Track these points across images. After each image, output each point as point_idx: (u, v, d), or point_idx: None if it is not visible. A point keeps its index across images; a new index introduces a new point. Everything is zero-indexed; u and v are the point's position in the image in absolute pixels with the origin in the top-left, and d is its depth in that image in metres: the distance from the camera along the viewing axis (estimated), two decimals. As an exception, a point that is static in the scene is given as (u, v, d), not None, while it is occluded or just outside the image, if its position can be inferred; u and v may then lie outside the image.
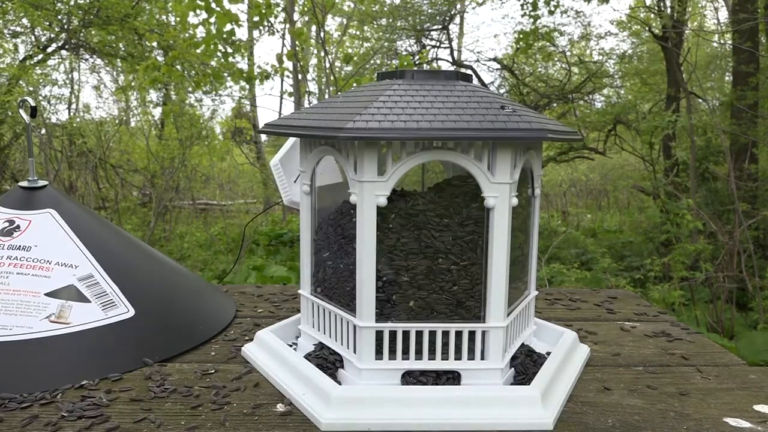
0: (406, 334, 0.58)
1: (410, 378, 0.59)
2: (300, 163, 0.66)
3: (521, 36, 5.20)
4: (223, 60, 3.39)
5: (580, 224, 6.79)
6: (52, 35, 5.02)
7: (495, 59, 6.34)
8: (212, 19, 2.96)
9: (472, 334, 0.58)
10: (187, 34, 3.41)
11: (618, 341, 0.77)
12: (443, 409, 0.54)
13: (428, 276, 0.58)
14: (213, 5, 2.92)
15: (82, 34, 4.92)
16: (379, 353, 0.59)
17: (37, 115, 1.16)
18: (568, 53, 6.16)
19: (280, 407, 0.58)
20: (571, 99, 6.03)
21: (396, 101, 0.54)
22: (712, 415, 0.57)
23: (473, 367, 0.59)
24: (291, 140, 0.75)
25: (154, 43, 5.22)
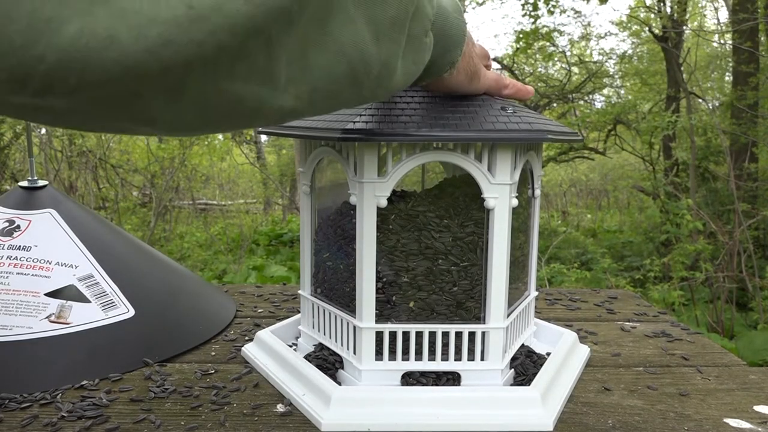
0: (406, 335, 0.58)
1: (410, 379, 0.59)
2: (300, 163, 0.66)
3: (521, 36, 5.20)
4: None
5: (580, 224, 6.80)
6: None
7: (495, 59, 6.34)
8: None
9: (472, 334, 0.58)
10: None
11: (618, 341, 0.77)
12: (443, 409, 0.54)
13: (428, 277, 0.58)
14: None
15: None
16: (379, 354, 0.59)
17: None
18: (568, 53, 6.16)
19: (280, 408, 0.58)
20: (571, 99, 6.03)
21: (396, 102, 0.54)
22: (713, 415, 0.57)
23: (473, 368, 0.59)
24: None
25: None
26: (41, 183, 0.78)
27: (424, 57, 0.42)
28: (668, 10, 4.81)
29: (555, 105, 6.17)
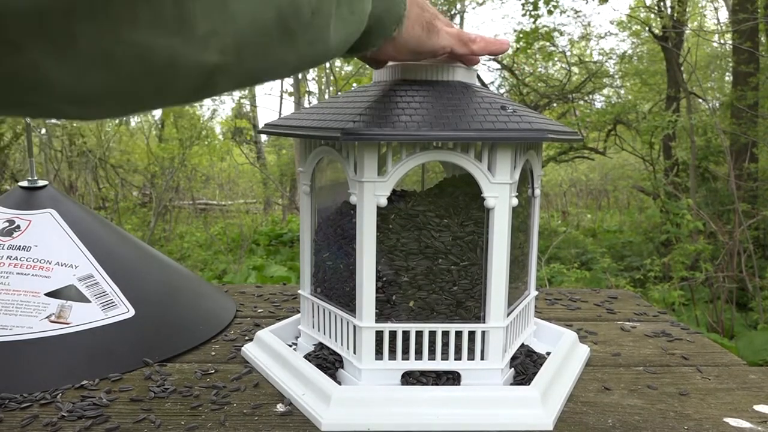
0: (406, 335, 0.58)
1: (410, 378, 0.59)
2: (300, 163, 0.66)
3: (521, 36, 5.20)
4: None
5: (580, 224, 6.79)
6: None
7: (495, 59, 6.34)
8: None
9: (472, 334, 0.58)
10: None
11: (618, 341, 0.77)
12: (443, 409, 0.54)
13: (428, 276, 0.58)
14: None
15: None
16: (379, 353, 0.59)
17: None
18: (568, 53, 6.16)
19: (280, 407, 0.58)
20: (571, 99, 6.03)
21: (396, 101, 0.54)
22: (712, 415, 0.57)
23: (473, 367, 0.59)
24: None
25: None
26: (41, 183, 0.78)
27: (364, 6, 0.39)
28: (668, 10, 4.81)
29: (555, 105, 6.17)
